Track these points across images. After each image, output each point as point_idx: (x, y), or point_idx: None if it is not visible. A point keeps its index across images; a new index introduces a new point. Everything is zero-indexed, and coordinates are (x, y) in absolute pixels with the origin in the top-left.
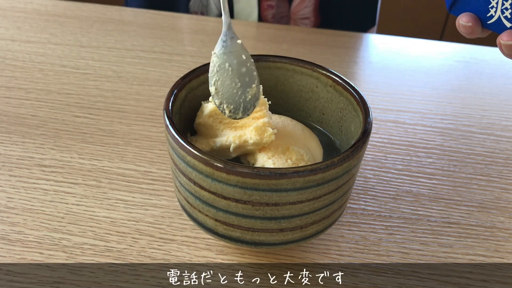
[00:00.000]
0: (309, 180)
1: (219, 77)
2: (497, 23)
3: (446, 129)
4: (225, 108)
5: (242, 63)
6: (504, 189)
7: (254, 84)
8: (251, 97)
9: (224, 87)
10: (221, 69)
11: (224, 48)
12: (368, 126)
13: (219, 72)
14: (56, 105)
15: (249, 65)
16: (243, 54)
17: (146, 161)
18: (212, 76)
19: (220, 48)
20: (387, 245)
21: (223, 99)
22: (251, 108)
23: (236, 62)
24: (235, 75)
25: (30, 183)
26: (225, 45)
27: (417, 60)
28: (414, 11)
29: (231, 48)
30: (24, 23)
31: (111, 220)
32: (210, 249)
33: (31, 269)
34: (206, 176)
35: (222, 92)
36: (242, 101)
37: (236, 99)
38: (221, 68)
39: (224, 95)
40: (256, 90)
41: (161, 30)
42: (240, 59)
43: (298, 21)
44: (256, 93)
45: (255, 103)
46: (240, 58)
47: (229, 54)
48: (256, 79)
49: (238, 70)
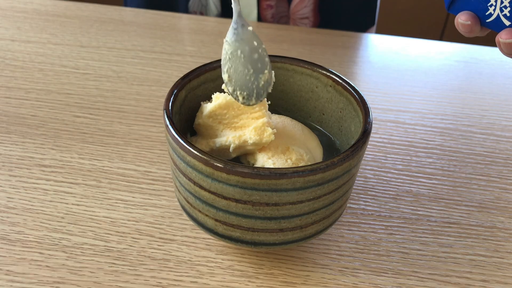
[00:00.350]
0: (309, 180)
1: (231, 64)
2: (496, 22)
3: (446, 129)
4: (239, 95)
5: (254, 49)
6: (504, 189)
7: (266, 70)
8: (264, 83)
9: (237, 74)
10: (233, 56)
11: (236, 36)
12: (368, 126)
13: (231, 60)
14: (56, 105)
15: (260, 51)
16: (254, 40)
17: (146, 161)
18: (224, 64)
19: (231, 36)
20: (387, 245)
21: (236, 86)
22: (264, 93)
23: (248, 49)
24: (248, 61)
25: (30, 183)
26: (237, 32)
27: (417, 60)
28: (414, 11)
29: (242, 35)
30: (24, 23)
31: (111, 220)
32: (210, 249)
33: (31, 269)
34: (206, 176)
35: (235, 79)
36: (255, 87)
37: (249, 86)
38: (233, 56)
39: (237, 82)
40: (268, 75)
41: (161, 30)
42: (252, 46)
43: (298, 20)
44: (269, 78)
45: (268, 88)
46: (252, 44)
47: (240, 41)
48: (268, 65)
49: (250, 57)
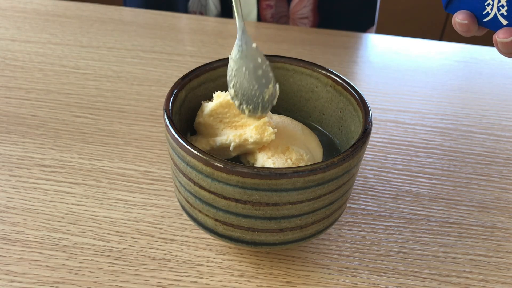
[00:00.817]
0: (309, 180)
1: (237, 80)
2: (493, 21)
3: (446, 129)
4: (245, 109)
5: (258, 66)
6: (504, 189)
7: (270, 85)
8: (268, 97)
9: (242, 89)
10: (238, 73)
11: (240, 53)
12: (368, 126)
13: (236, 76)
14: (56, 105)
15: (265, 67)
16: (258, 57)
17: (146, 161)
18: (230, 80)
19: (236, 53)
20: (387, 245)
21: (242, 100)
22: (269, 106)
23: (253, 66)
24: (252, 78)
25: (30, 183)
26: (241, 49)
27: (417, 60)
28: (414, 11)
29: (246, 52)
30: (24, 23)
31: (111, 220)
32: (210, 249)
33: (31, 269)
34: (206, 176)
35: (241, 94)
36: (260, 101)
37: (254, 100)
38: (239, 72)
39: (243, 97)
40: (272, 90)
41: (161, 30)
42: (256, 63)
43: (297, 20)
44: (273, 92)
45: (272, 101)
46: (256, 61)
47: (245, 58)
48: (272, 80)
49: (254, 73)
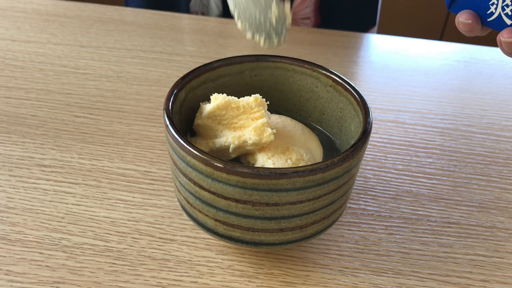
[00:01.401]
0: (309, 180)
1: (239, 11)
2: (497, 21)
3: (446, 129)
4: (258, 39)
5: None
6: (504, 189)
7: (272, 5)
8: (277, 20)
9: (247, 18)
10: (236, 2)
11: None
12: (368, 126)
13: (237, 7)
14: (56, 105)
15: None
16: None
17: (146, 161)
18: (234, 13)
19: None
20: (387, 245)
21: (252, 30)
22: (283, 31)
23: None
24: (250, 2)
25: (30, 183)
26: None
27: (417, 60)
28: (414, 11)
29: None
30: (24, 23)
31: (111, 220)
32: (210, 249)
33: (31, 269)
34: (206, 176)
35: (248, 24)
36: (269, 26)
37: (263, 27)
38: (236, 2)
39: (251, 26)
40: (276, 10)
41: (161, 30)
42: None
43: (299, 21)
44: (280, 14)
45: (283, 25)
46: None
47: None
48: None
49: None
